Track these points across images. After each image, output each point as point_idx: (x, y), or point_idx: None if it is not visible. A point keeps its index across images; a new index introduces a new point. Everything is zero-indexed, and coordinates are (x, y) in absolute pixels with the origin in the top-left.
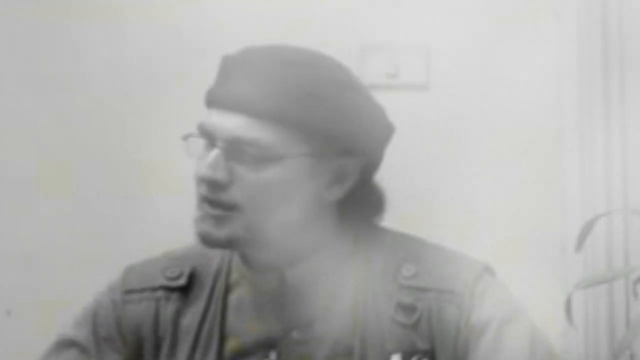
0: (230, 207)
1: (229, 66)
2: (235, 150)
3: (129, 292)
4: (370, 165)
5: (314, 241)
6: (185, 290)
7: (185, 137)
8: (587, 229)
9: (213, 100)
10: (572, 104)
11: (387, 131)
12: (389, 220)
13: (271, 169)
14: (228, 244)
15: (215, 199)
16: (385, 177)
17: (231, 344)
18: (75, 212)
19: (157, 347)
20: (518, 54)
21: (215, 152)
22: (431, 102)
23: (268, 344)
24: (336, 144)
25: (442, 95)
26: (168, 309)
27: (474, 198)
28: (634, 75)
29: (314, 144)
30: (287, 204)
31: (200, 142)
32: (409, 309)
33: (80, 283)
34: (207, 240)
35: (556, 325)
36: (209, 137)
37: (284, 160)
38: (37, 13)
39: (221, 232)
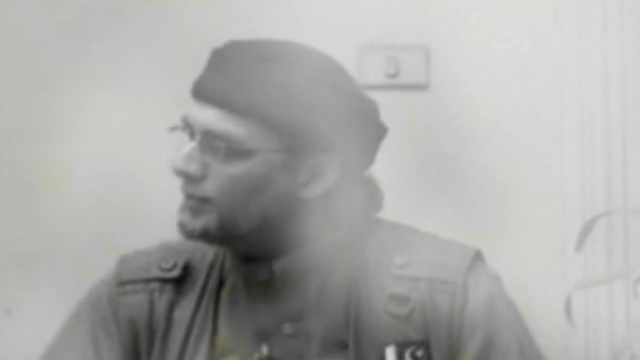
0: (203, 200)
1: (211, 59)
2: (208, 143)
3: (123, 284)
4: (354, 163)
5: (300, 234)
6: (179, 282)
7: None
8: (587, 229)
9: (194, 92)
10: (572, 104)
11: (373, 131)
12: (387, 218)
13: (242, 164)
14: (203, 235)
15: (190, 191)
16: (385, 176)
17: (223, 337)
18: (75, 212)
19: (152, 339)
20: (518, 54)
21: (191, 145)
22: (431, 102)
23: (260, 338)
24: (309, 142)
25: (442, 95)
26: (162, 301)
27: (473, 198)
28: (635, 75)
29: (286, 140)
30: (259, 199)
31: (185, 135)
32: (401, 299)
33: (80, 283)
34: (183, 231)
35: (556, 325)
36: (190, 129)
37: (254, 155)
38: (37, 12)
39: (196, 224)
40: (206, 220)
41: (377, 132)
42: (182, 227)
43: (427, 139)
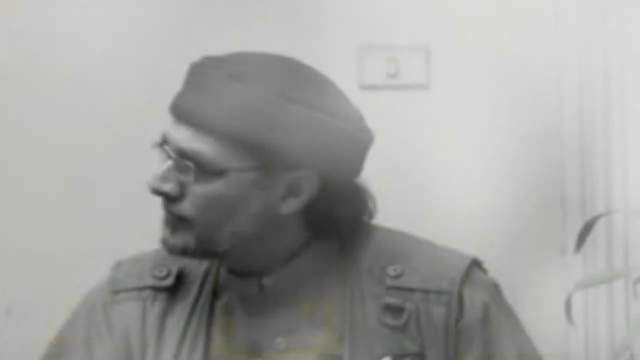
0: (180, 219)
1: (187, 75)
2: (182, 162)
3: (117, 292)
4: (336, 174)
5: (284, 249)
6: (173, 290)
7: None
8: (587, 229)
9: (170, 109)
10: (572, 104)
11: (354, 141)
12: (387, 219)
13: (214, 183)
14: (183, 252)
15: (168, 209)
16: (385, 176)
17: (217, 348)
18: (75, 211)
19: (145, 347)
20: (518, 54)
21: (167, 164)
22: (431, 102)
23: (253, 351)
24: (282, 159)
25: (442, 95)
26: (154, 309)
27: (473, 198)
28: (635, 75)
29: (257, 159)
30: (236, 217)
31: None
32: (396, 310)
33: (81, 282)
34: (165, 246)
35: (556, 325)
36: (167, 147)
37: (226, 174)
38: (37, 10)
39: (175, 241)
40: (185, 238)
41: (359, 141)
42: (163, 242)
43: (427, 139)
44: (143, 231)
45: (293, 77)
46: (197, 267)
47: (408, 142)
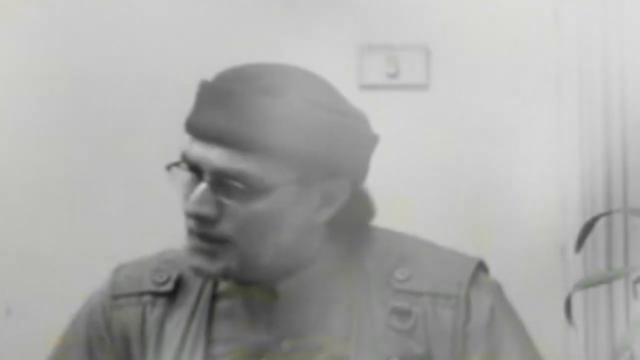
0: (221, 241)
1: (204, 94)
2: (221, 183)
3: (117, 297)
4: (359, 181)
5: (306, 256)
6: (172, 295)
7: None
8: (587, 229)
9: (193, 131)
10: (572, 104)
11: (370, 144)
12: (387, 220)
13: (261, 201)
14: (223, 276)
15: (204, 232)
16: (385, 176)
17: (219, 352)
18: (75, 211)
19: (144, 352)
20: (518, 54)
21: (202, 186)
22: (431, 102)
23: (257, 354)
24: (320, 168)
25: (442, 95)
26: (154, 314)
27: (474, 198)
28: (634, 75)
29: (299, 171)
30: (278, 232)
31: (186, 172)
32: (404, 313)
33: (81, 283)
34: (201, 274)
35: (556, 325)
36: (195, 168)
37: (272, 190)
38: (37, 10)
39: (215, 266)
40: (226, 261)
41: (371, 144)
42: (198, 271)
43: (427, 139)
44: (143, 231)
45: (314, 85)
46: None
47: (407, 142)
